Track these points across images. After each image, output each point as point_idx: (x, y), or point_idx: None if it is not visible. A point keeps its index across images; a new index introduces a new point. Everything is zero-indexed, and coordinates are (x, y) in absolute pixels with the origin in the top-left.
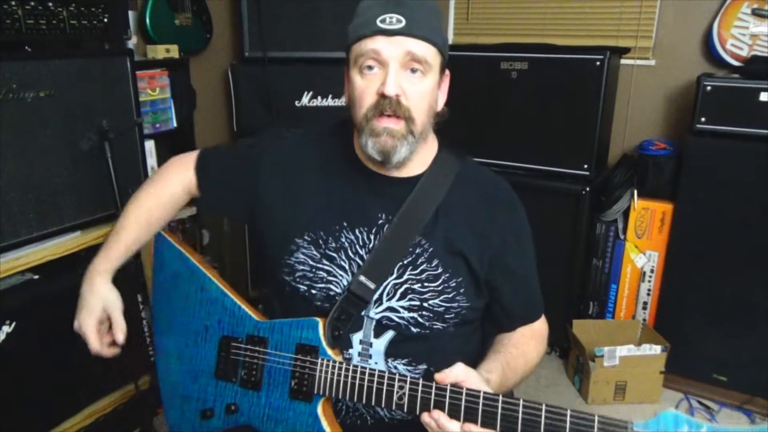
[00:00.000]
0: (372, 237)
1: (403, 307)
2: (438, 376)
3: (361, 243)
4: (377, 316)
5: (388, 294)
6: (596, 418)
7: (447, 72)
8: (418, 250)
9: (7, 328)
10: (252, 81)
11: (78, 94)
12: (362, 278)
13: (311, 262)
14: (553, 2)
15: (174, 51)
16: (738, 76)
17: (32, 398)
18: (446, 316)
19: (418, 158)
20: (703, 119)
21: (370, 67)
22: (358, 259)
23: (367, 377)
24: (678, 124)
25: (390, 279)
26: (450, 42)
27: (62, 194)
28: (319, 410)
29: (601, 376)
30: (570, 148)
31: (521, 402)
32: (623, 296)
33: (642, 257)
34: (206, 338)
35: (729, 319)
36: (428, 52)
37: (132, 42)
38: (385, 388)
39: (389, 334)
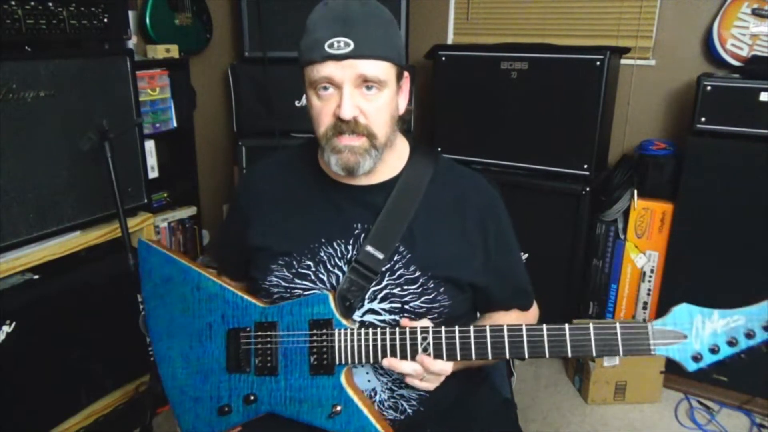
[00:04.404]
0: (350, 248)
1: (384, 309)
2: (404, 322)
3: (339, 255)
4: (360, 318)
5: (368, 298)
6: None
7: (406, 74)
8: (396, 257)
9: (7, 328)
10: (252, 81)
11: (78, 94)
12: (369, 248)
13: (284, 284)
14: (553, 2)
15: (174, 51)
16: (738, 76)
17: (32, 398)
18: (429, 317)
19: (386, 164)
20: (703, 119)
21: (325, 88)
22: (337, 271)
23: (388, 336)
24: (678, 124)
25: (371, 285)
26: (450, 42)
27: (62, 194)
28: (343, 380)
29: (601, 376)
30: (570, 148)
31: (545, 327)
32: (623, 296)
33: (642, 257)
34: (211, 335)
35: None
36: (380, 69)
37: (132, 42)
38: (408, 342)
39: None
